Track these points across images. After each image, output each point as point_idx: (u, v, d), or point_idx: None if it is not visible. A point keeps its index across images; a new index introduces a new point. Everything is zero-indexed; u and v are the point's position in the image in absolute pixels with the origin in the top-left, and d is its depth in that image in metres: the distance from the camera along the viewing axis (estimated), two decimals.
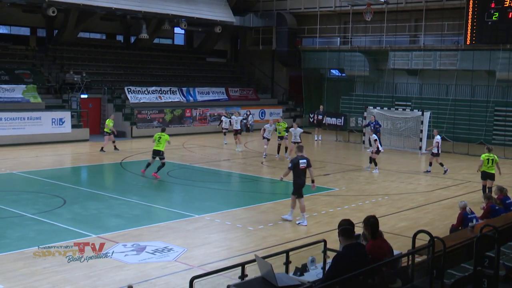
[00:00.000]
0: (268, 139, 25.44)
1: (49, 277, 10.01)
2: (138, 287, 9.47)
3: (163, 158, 19.70)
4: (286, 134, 25.37)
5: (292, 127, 25.13)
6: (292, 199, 14.37)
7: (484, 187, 17.24)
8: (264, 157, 24.95)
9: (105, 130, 26.13)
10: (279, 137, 25.41)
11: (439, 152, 22.06)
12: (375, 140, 22.29)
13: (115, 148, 25.99)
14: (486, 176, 17.15)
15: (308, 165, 14.11)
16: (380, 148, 22.59)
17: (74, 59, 34.52)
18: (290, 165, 14.12)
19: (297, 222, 14.09)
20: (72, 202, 15.77)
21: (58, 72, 32.78)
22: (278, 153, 25.26)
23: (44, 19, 34.13)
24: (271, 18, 40.58)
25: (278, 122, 25.96)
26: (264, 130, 25.65)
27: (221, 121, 30.68)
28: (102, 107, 32.77)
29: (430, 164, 22.47)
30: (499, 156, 26.09)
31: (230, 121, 29.69)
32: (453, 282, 7.25)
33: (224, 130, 30.12)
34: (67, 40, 34.70)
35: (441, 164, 22.10)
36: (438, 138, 22.16)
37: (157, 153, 19.70)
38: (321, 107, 34.99)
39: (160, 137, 19.77)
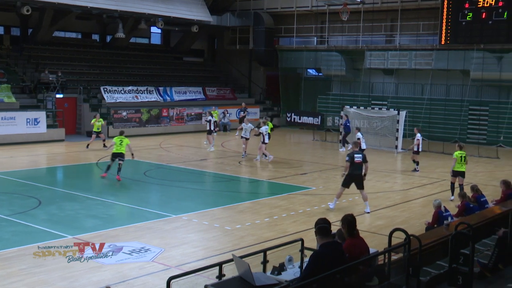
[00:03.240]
0: (247, 139, 25.04)
1: (25, 278, 9.91)
2: None
3: (123, 160, 19.47)
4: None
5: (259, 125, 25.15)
6: (340, 189, 15.68)
7: (452, 184, 17.35)
8: (243, 157, 24.80)
9: (94, 130, 26.77)
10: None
11: (419, 150, 22.21)
12: (358, 138, 22.32)
13: (104, 145, 26.04)
14: (458, 173, 17.19)
15: (364, 160, 15.41)
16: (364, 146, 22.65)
17: (49, 59, 34.16)
18: (347, 158, 15.41)
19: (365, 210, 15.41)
20: (48, 203, 15.61)
21: (32, 71, 32.41)
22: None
23: (19, 18, 33.71)
24: (248, 17, 40.59)
25: (265, 122, 25.09)
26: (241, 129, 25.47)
27: (241, 129, 25.82)
28: (78, 107, 32.45)
29: (414, 161, 22.52)
30: (474, 155, 26.59)
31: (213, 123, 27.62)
32: (429, 279, 7.32)
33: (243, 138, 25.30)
34: (42, 39, 34.34)
35: (417, 163, 22.30)
36: (418, 136, 22.30)
37: (119, 155, 19.41)
38: (243, 104, 35.40)
39: (121, 141, 19.57)
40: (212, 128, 27.39)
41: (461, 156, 17.11)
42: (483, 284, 7.66)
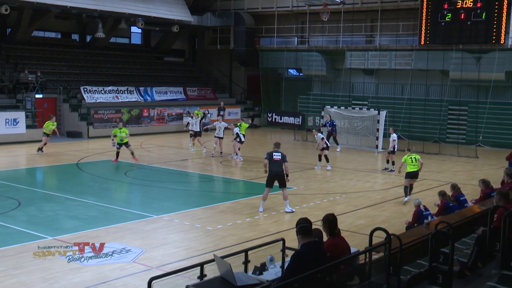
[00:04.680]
0: (220, 138, 25.08)
1: (3, 280, 9.80)
2: None
3: (129, 145, 23.07)
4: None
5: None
6: (265, 190, 15.55)
7: (406, 187, 17.03)
8: (212, 155, 25.20)
9: (44, 131, 25.25)
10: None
11: (395, 150, 22.40)
12: (322, 138, 22.71)
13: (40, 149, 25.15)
14: (411, 175, 16.93)
15: (284, 159, 15.32)
16: (328, 144, 23.14)
17: (28, 58, 33.83)
18: (266, 156, 15.52)
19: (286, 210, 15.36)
20: (27, 204, 15.46)
21: (11, 71, 32.05)
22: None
23: None
24: (228, 17, 40.57)
25: (236, 124, 25.58)
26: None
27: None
28: (57, 107, 32.18)
29: (388, 161, 22.76)
30: (453, 154, 26.84)
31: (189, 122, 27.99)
32: (409, 278, 7.36)
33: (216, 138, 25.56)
34: (21, 39, 33.96)
35: (393, 163, 22.44)
36: (394, 136, 22.50)
37: (124, 144, 22.93)
38: (221, 103, 35.35)
39: (121, 132, 22.89)
40: (200, 130, 27.15)
41: (410, 158, 16.89)
42: (463, 283, 7.73)
